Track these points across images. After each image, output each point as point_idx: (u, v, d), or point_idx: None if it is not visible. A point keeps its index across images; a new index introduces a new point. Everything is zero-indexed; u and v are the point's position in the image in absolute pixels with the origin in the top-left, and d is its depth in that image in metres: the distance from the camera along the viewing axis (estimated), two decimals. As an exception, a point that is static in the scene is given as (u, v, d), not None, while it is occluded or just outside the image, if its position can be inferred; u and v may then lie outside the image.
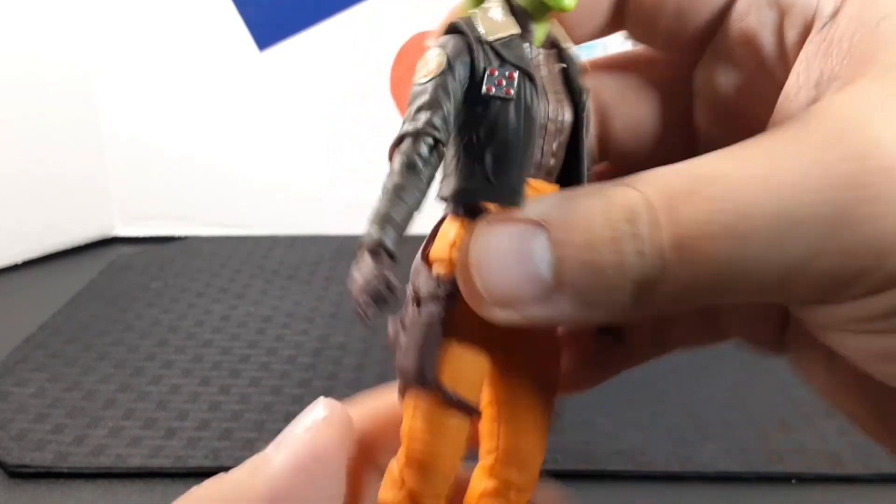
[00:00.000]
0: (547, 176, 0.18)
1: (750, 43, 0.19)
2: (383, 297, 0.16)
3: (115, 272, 0.67)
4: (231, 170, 0.75)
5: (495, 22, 0.17)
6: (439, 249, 0.18)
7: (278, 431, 0.21)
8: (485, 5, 0.17)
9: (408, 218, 0.16)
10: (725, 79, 0.20)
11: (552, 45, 0.18)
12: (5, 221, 0.68)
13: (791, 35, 0.18)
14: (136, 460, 0.41)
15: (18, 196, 0.69)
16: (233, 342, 0.54)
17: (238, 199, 0.76)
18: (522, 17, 0.17)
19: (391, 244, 0.16)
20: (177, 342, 0.54)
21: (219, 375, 0.50)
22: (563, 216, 0.15)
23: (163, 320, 0.58)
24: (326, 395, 0.22)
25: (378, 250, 0.16)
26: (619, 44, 0.22)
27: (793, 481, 0.40)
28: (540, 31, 0.18)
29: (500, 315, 0.16)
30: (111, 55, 0.73)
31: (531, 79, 0.17)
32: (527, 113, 0.17)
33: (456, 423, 0.19)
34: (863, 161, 0.14)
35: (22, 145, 0.69)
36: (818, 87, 0.16)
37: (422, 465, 0.19)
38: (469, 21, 0.17)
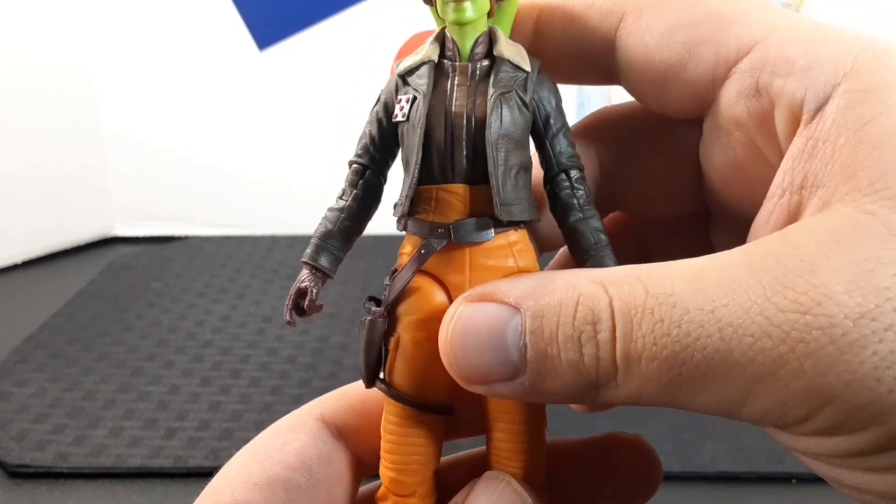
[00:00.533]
0: (467, 178, 0.19)
1: (742, 129, 0.19)
2: (295, 303, 0.19)
3: (115, 272, 0.67)
4: (231, 170, 0.75)
5: (418, 53, 0.20)
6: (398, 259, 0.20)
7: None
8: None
9: (329, 236, 0.20)
10: (724, 158, 0.20)
11: (487, 56, 0.20)
12: (5, 221, 0.68)
13: (781, 126, 0.18)
14: (136, 460, 0.41)
15: (18, 196, 0.69)
16: (233, 342, 0.54)
17: (238, 199, 0.76)
18: (449, 40, 0.20)
19: (308, 259, 0.20)
20: (177, 342, 0.54)
21: (219, 375, 0.50)
22: (538, 305, 0.17)
23: (163, 320, 0.58)
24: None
25: (303, 265, 0.20)
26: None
27: (793, 481, 0.40)
28: (464, 47, 0.20)
29: (471, 388, 0.18)
30: (111, 55, 0.73)
31: (422, 98, 0.19)
32: (413, 130, 0.19)
33: (421, 423, 0.20)
34: (805, 315, 0.14)
35: (22, 145, 0.69)
36: (801, 192, 0.17)
37: (393, 462, 0.20)
38: (402, 62, 0.20)
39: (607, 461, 0.23)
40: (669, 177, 0.22)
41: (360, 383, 0.22)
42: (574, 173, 0.20)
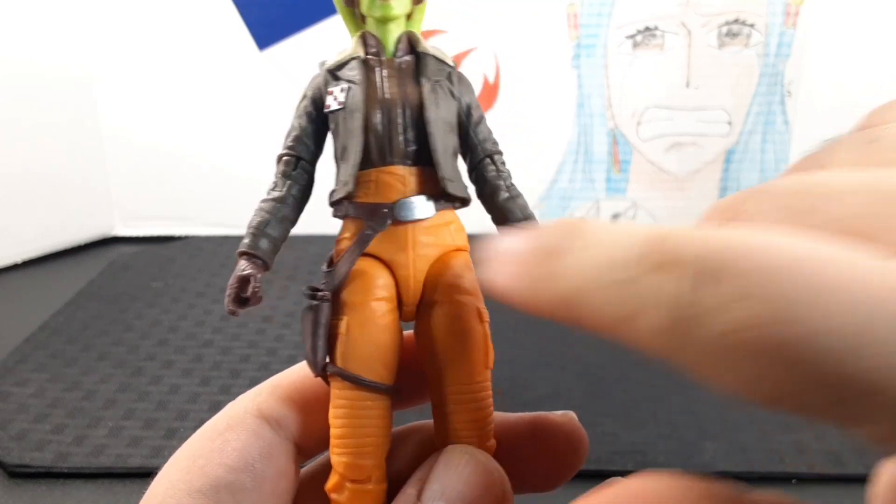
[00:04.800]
0: (406, 160, 0.20)
1: None
2: (237, 294, 0.20)
3: (115, 272, 0.67)
4: (231, 170, 0.75)
5: (344, 52, 0.21)
6: (334, 248, 0.21)
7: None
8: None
9: (267, 224, 0.20)
10: None
11: (411, 52, 0.21)
12: (5, 221, 0.68)
13: None
14: (136, 460, 0.41)
15: (18, 196, 0.69)
16: (233, 342, 0.54)
17: (238, 199, 0.76)
18: (370, 39, 0.21)
19: (246, 248, 0.20)
20: (177, 342, 0.54)
21: (219, 375, 0.50)
22: None
23: (163, 320, 0.58)
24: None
25: (241, 254, 0.20)
26: (617, 43, 0.23)
27: (793, 481, 0.40)
28: (388, 44, 0.21)
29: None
30: (111, 55, 0.73)
31: (358, 86, 0.20)
32: (352, 115, 0.20)
33: (370, 404, 0.20)
34: None
35: (22, 145, 0.69)
36: None
37: (346, 449, 0.20)
38: (326, 60, 0.21)
39: (536, 439, 0.23)
40: None
41: (290, 372, 0.22)
42: (497, 157, 0.21)
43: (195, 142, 0.75)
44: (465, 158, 0.22)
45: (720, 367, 0.13)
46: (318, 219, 0.24)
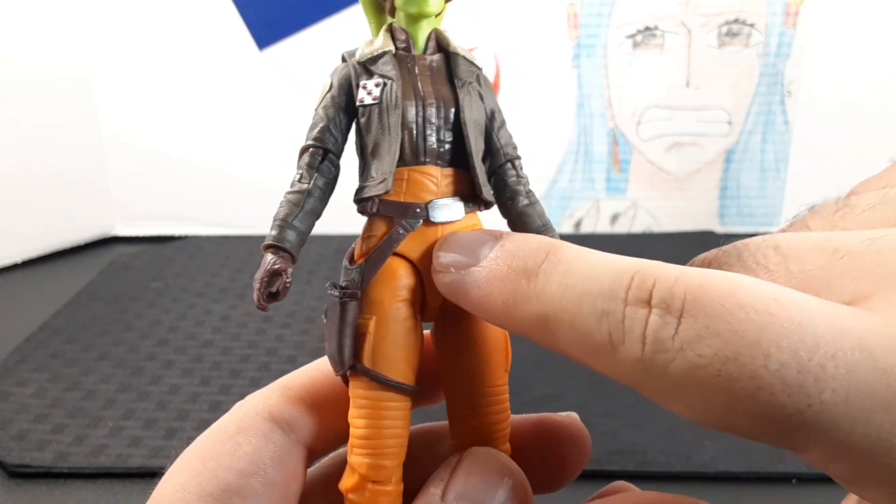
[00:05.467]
0: (438, 160, 0.20)
1: None
2: (265, 285, 0.19)
3: (115, 272, 0.67)
4: (231, 170, 0.75)
5: (373, 45, 0.21)
6: (357, 244, 0.21)
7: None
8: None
9: (294, 216, 0.20)
10: None
11: (439, 50, 0.21)
12: (5, 221, 0.68)
13: None
14: (136, 460, 0.41)
15: (18, 196, 0.69)
16: (233, 342, 0.54)
17: (238, 199, 0.76)
18: (399, 33, 0.21)
19: (273, 240, 0.19)
20: (177, 342, 0.54)
21: (219, 376, 0.50)
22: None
23: (163, 320, 0.58)
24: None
25: (268, 247, 0.20)
26: (617, 43, 0.23)
27: (793, 481, 0.40)
28: (419, 40, 0.21)
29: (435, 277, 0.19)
30: (111, 55, 0.73)
31: (394, 82, 0.20)
32: (389, 111, 0.20)
33: (394, 405, 0.20)
34: None
35: (22, 145, 0.69)
36: None
37: (369, 450, 0.20)
38: (352, 51, 0.21)
39: (541, 441, 0.23)
40: None
41: (300, 373, 0.22)
42: (517, 162, 0.21)
43: (195, 142, 0.75)
44: (484, 161, 0.21)
45: (686, 398, 0.15)
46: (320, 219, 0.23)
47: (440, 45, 0.21)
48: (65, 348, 0.53)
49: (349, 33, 0.72)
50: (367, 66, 0.20)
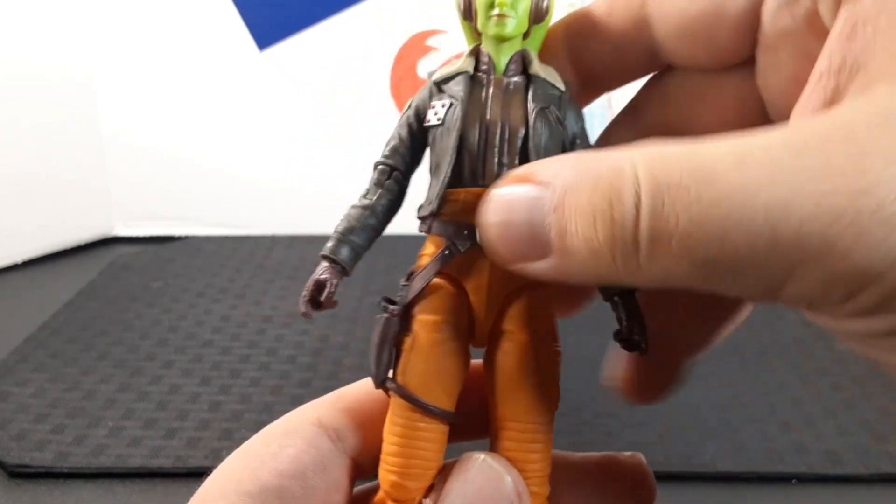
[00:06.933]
0: (492, 184, 0.20)
1: (792, 39, 0.19)
2: (313, 296, 0.20)
3: (115, 272, 0.67)
4: (231, 170, 0.75)
5: (454, 64, 0.21)
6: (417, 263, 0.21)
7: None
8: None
9: (352, 231, 0.20)
10: (781, 77, 0.20)
11: (523, 72, 0.21)
12: (5, 221, 0.68)
13: (827, 17, 0.18)
14: (136, 460, 0.41)
15: (18, 196, 0.69)
16: (233, 342, 0.54)
17: (238, 199, 0.76)
18: (483, 55, 0.21)
19: (327, 251, 0.20)
20: (177, 342, 0.54)
21: (219, 375, 0.50)
22: (565, 182, 0.16)
23: (163, 320, 0.58)
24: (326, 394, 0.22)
25: (324, 257, 0.20)
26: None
27: (793, 481, 0.40)
28: (499, 62, 0.20)
29: (511, 268, 0.18)
30: (111, 55, 0.73)
31: (460, 104, 0.20)
32: (448, 133, 0.20)
33: (427, 426, 0.20)
34: (854, 200, 0.14)
35: (22, 145, 0.69)
36: (840, 74, 0.16)
37: (395, 468, 0.20)
38: (434, 70, 0.21)
39: (604, 481, 0.23)
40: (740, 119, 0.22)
41: (355, 386, 0.22)
42: None
43: (195, 142, 0.75)
44: None
45: (688, 269, 0.15)
46: (317, 219, 0.23)
47: (525, 66, 0.21)
48: (65, 348, 0.53)
49: (349, 33, 0.72)
50: (440, 86, 0.21)
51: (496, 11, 0.20)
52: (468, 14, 0.21)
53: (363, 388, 0.22)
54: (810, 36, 0.18)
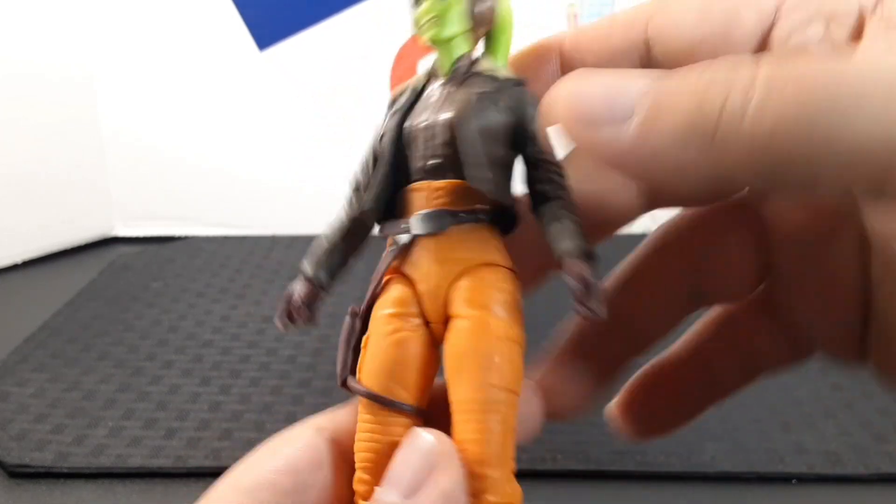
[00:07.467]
0: (432, 176, 0.20)
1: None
2: (286, 310, 0.21)
3: (115, 272, 0.67)
4: (231, 170, 0.75)
5: (413, 79, 0.22)
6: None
7: (278, 431, 0.21)
8: None
9: (320, 250, 0.22)
10: None
11: (468, 69, 0.21)
12: (5, 221, 0.68)
13: (841, 36, 0.18)
14: (136, 460, 0.41)
15: (18, 196, 0.69)
16: (233, 342, 0.54)
17: (238, 199, 0.76)
18: (434, 63, 0.21)
19: (301, 268, 0.21)
20: (177, 342, 0.54)
21: (219, 375, 0.50)
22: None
23: (163, 320, 0.58)
24: (326, 394, 0.22)
25: (298, 274, 0.21)
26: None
27: (793, 481, 0.40)
28: (444, 65, 0.21)
29: (576, 132, 0.17)
30: (111, 55, 0.73)
31: (398, 113, 0.21)
32: (380, 142, 0.21)
33: (394, 421, 0.20)
34: None
35: (22, 145, 0.69)
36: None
37: (360, 463, 0.20)
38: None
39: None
40: None
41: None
42: (550, 166, 0.21)
43: (195, 142, 0.75)
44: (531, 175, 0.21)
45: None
46: (317, 219, 0.24)
47: (472, 68, 0.21)
48: (65, 348, 0.53)
49: (349, 33, 0.72)
50: (392, 106, 0.22)
51: (423, 20, 0.21)
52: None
53: None
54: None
